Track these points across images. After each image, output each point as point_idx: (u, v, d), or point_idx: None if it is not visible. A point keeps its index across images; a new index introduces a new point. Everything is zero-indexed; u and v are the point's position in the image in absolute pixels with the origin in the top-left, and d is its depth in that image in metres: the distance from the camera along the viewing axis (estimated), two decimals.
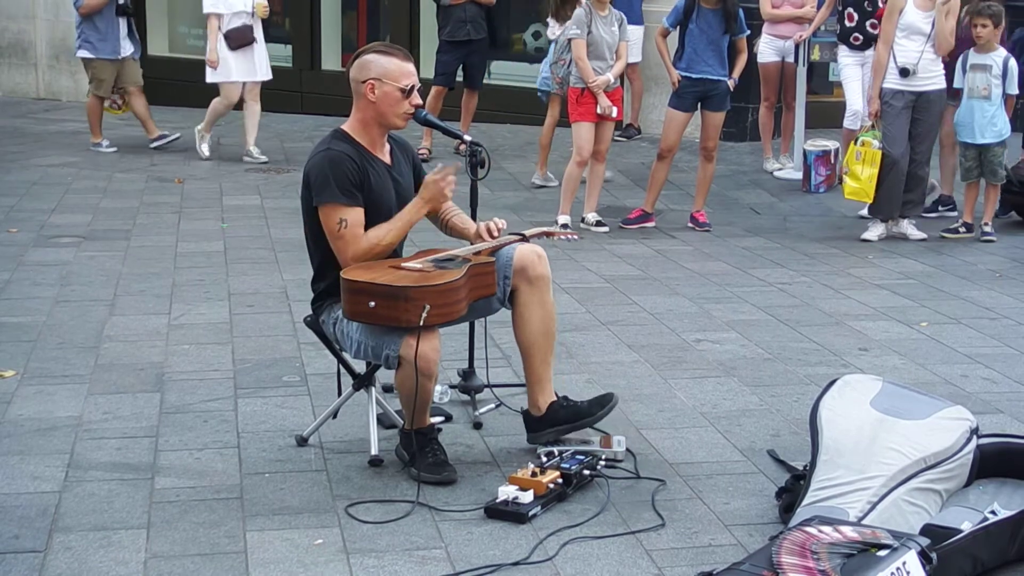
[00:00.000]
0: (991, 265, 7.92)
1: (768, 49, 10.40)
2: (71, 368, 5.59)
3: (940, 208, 9.20)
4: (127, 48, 10.98)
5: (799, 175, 10.29)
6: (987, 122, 8.39)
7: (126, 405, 5.15)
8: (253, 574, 3.77)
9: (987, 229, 8.57)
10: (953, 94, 8.56)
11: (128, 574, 3.76)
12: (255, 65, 10.69)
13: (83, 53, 10.86)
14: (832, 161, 9.76)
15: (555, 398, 4.71)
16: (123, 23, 10.83)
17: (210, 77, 10.66)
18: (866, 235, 8.55)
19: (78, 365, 5.62)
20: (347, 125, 4.59)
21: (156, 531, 4.03)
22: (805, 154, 10.03)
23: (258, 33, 10.65)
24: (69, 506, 4.19)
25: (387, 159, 4.62)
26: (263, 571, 3.79)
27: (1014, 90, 8.46)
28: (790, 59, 10.24)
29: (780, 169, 10.69)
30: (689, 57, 8.48)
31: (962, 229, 8.63)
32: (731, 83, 8.56)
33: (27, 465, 4.52)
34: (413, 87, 4.53)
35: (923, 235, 8.58)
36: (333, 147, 4.49)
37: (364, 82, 4.50)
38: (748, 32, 8.72)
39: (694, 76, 8.47)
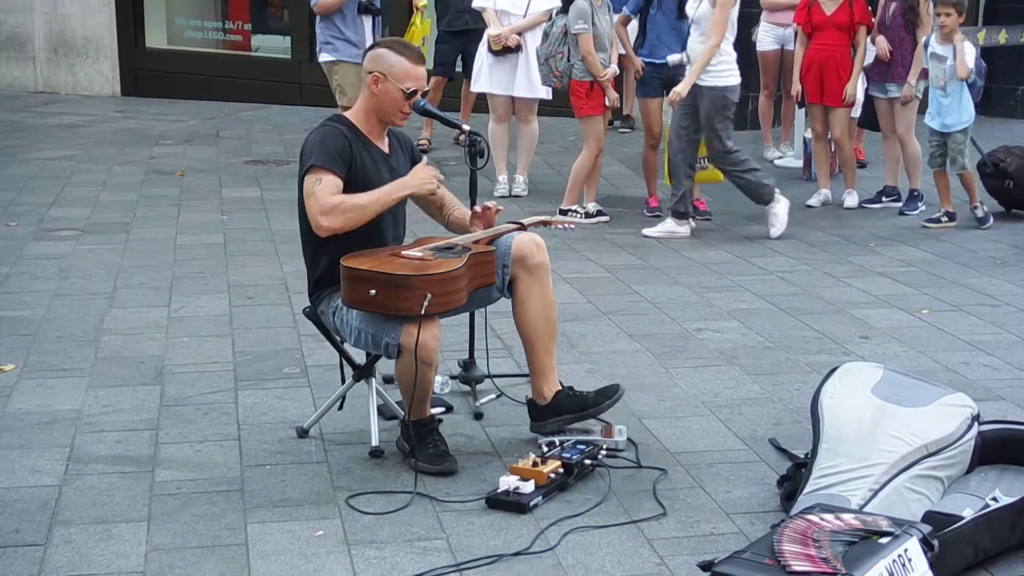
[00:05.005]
0: (992, 252, 7.91)
1: (767, 37, 10.37)
2: (71, 361, 5.58)
3: (884, 199, 9.09)
4: None
5: (799, 163, 10.28)
6: (943, 111, 8.33)
7: (126, 398, 5.14)
8: (254, 566, 3.77)
9: (979, 214, 8.48)
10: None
11: (129, 567, 3.76)
12: (515, 77, 9.13)
13: (324, 56, 9.18)
14: (832, 149, 9.73)
15: (560, 387, 4.71)
16: (368, 23, 9.43)
17: (474, 87, 9.47)
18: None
19: (78, 358, 5.62)
20: (351, 113, 4.64)
21: (157, 524, 4.03)
22: (805, 142, 10.01)
23: (530, 43, 8.96)
24: (69, 499, 4.19)
25: (385, 149, 4.63)
26: (264, 563, 3.79)
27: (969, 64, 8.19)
28: (789, 47, 10.21)
29: (780, 157, 10.67)
30: (651, 43, 8.48)
31: (944, 219, 8.51)
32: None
33: (27, 459, 4.52)
34: (415, 92, 4.54)
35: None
36: (329, 124, 4.56)
37: (370, 73, 4.54)
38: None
39: (657, 62, 8.45)
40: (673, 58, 8.21)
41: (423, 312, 4.16)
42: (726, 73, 7.92)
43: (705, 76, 7.88)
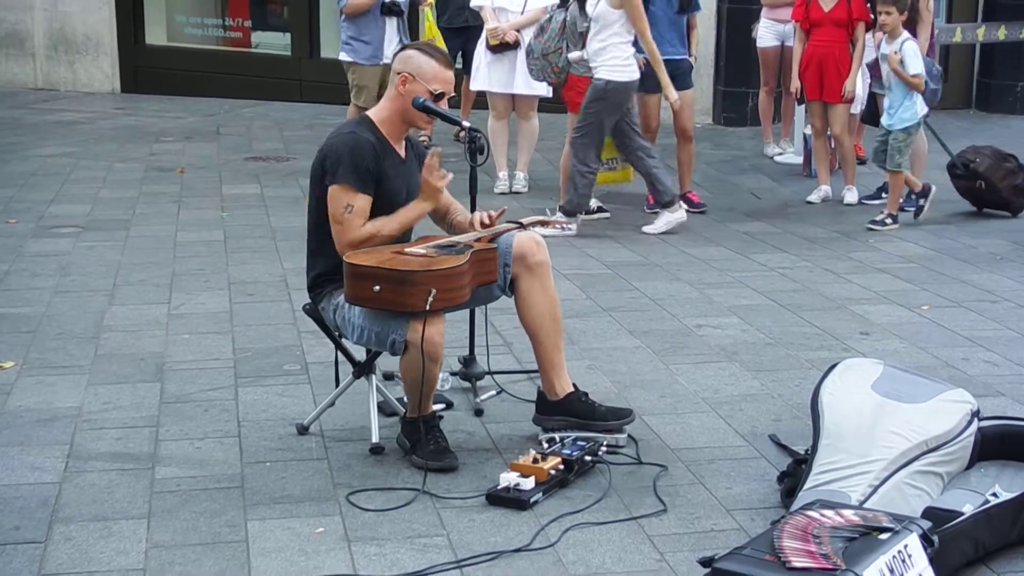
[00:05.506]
0: (992, 248, 7.91)
1: (768, 33, 10.36)
2: (71, 358, 5.58)
3: (884, 195, 8.99)
4: (392, 53, 8.99)
5: (799, 160, 10.28)
6: (888, 107, 8.28)
7: (126, 395, 5.14)
8: (254, 563, 3.77)
9: (885, 219, 8.29)
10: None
11: (129, 564, 3.76)
12: (514, 75, 9.11)
13: (343, 56, 9.39)
14: (831, 146, 9.74)
15: (574, 389, 4.70)
16: (391, 24, 9.31)
17: (473, 84, 9.55)
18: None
19: (78, 355, 5.62)
20: (374, 113, 4.65)
21: (157, 521, 4.03)
22: (805, 139, 10.01)
23: (529, 39, 8.66)
24: (69, 496, 4.19)
25: (402, 153, 4.65)
26: (264, 560, 3.79)
27: (914, 70, 8.07)
28: (790, 43, 10.20)
29: (780, 154, 10.67)
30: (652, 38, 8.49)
31: (888, 220, 8.36)
32: (692, 60, 8.69)
33: (27, 456, 4.52)
34: (443, 95, 4.57)
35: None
36: (358, 131, 4.55)
37: (399, 74, 4.56)
38: (701, 9, 8.90)
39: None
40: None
41: (428, 308, 4.17)
42: (614, 68, 7.87)
43: (599, 69, 7.87)
